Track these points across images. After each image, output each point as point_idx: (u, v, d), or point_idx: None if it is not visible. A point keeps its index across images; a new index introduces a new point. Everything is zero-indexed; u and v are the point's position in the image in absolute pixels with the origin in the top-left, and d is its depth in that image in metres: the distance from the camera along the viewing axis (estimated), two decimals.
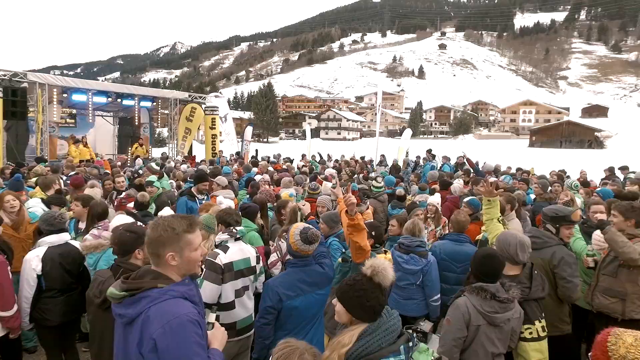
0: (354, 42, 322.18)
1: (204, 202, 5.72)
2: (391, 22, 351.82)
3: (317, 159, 16.91)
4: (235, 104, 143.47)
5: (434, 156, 14.92)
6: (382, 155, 16.31)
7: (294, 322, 2.90)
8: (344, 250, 4.02)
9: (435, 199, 6.13)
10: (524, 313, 3.03)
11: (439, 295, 4.14)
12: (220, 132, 19.90)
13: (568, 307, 3.69)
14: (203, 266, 3.27)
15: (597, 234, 4.09)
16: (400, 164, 15.17)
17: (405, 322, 3.56)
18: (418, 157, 15.38)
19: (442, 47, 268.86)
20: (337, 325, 2.33)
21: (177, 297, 1.77)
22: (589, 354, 1.81)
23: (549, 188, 7.55)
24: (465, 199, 5.47)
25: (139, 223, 3.45)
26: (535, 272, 3.27)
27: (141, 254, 2.83)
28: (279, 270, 4.09)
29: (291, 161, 15.91)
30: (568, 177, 11.44)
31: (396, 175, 10.80)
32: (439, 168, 12.93)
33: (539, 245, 3.61)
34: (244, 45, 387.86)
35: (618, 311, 3.64)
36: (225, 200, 5.32)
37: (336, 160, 16.69)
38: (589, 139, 71.29)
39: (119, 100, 17.00)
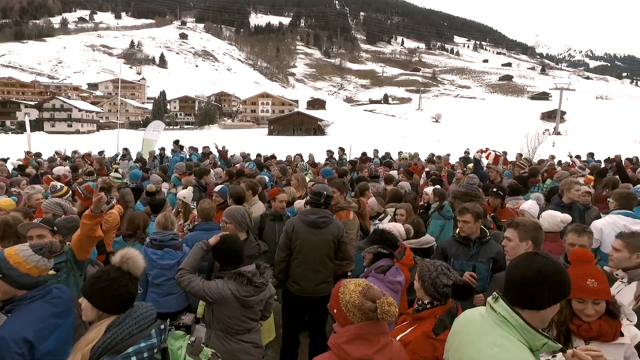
0: (81, 19, 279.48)
1: None
2: (126, 4, 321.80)
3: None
4: None
5: (181, 147, 14.68)
6: (125, 149, 14.97)
7: None
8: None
9: (185, 192, 5.92)
10: None
11: None
12: None
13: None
14: None
15: None
16: (147, 156, 14.30)
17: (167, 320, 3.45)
18: (162, 149, 14.79)
19: (183, 36, 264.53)
20: None
21: None
22: (328, 304, 2.19)
23: (289, 170, 8.65)
24: (216, 188, 5.62)
25: None
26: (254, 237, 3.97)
27: None
28: None
29: (4, 160, 12.77)
30: (302, 160, 13.34)
31: (143, 169, 10.14)
32: (187, 159, 12.82)
33: (327, 223, 4.21)
34: None
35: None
36: None
37: (66, 157, 14.34)
38: (314, 127, 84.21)
39: None
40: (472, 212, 3.81)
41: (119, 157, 14.48)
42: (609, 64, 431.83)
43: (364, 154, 15.07)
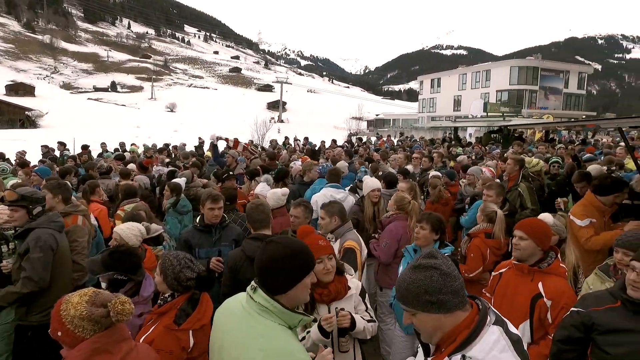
0: None
1: None
2: None
3: None
4: None
5: None
6: None
7: None
8: None
9: None
10: None
11: None
12: None
13: None
14: None
15: None
16: None
17: None
18: None
19: None
20: None
21: None
22: (49, 330, 1.85)
23: None
24: None
25: None
26: None
27: None
28: None
29: None
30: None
31: None
32: None
33: None
34: None
35: None
36: None
37: None
38: (20, 118, 68.50)
39: None
40: (223, 198, 4.06)
41: None
42: (313, 64, 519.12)
43: (84, 147, 13.31)
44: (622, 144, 9.78)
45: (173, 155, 12.67)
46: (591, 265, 3.48)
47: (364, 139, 27.20)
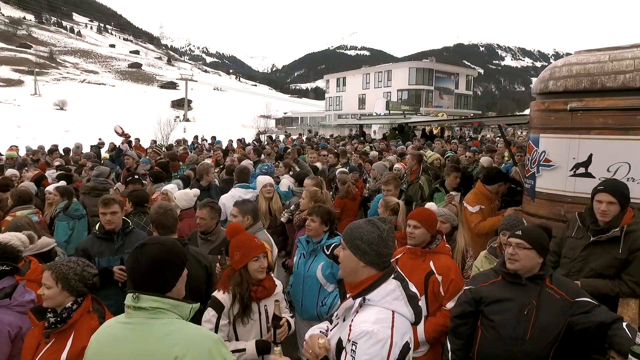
0: None
1: None
2: None
3: None
4: None
5: None
6: None
7: None
8: None
9: None
10: None
11: None
12: None
13: None
14: None
15: None
16: None
17: None
18: None
19: None
20: None
21: None
22: None
23: None
24: None
25: None
26: None
27: None
28: None
29: None
30: None
31: None
32: None
33: None
34: None
35: None
36: None
37: None
38: None
39: None
40: (118, 201, 3.77)
41: None
42: (219, 61, 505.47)
43: None
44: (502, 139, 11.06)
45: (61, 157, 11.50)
46: (480, 248, 3.92)
47: (274, 137, 27.24)
